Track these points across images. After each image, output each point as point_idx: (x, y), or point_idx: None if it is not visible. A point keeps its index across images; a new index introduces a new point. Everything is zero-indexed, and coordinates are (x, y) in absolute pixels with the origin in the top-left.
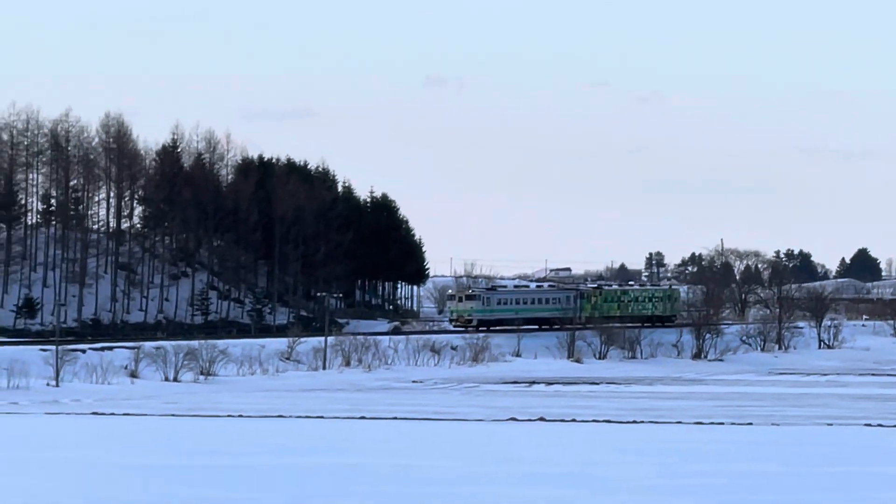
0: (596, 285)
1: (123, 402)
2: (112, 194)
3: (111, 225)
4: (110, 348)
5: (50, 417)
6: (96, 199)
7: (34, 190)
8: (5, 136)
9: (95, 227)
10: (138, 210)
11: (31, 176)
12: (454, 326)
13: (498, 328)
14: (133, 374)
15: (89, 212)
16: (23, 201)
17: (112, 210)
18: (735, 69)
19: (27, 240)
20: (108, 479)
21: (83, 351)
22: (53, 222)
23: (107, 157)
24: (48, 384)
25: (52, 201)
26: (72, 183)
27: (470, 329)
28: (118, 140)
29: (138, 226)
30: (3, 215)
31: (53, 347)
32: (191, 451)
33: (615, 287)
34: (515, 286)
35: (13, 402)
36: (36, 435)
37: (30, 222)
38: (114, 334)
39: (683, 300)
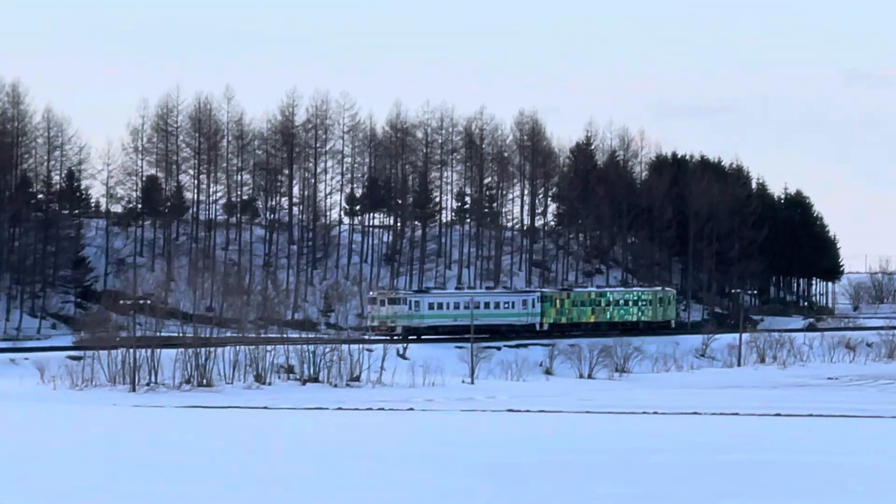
0: (565, 286)
1: (538, 400)
2: (526, 192)
3: (525, 222)
4: (525, 346)
5: (465, 415)
6: (510, 196)
7: (448, 188)
8: (420, 135)
9: (509, 224)
10: (552, 207)
11: (445, 174)
12: (375, 335)
13: (432, 337)
14: (548, 371)
15: (503, 209)
16: (437, 199)
17: (526, 207)
18: None
19: (441, 237)
20: (519, 475)
21: (498, 348)
22: (467, 220)
23: (521, 155)
24: (463, 381)
25: (467, 199)
26: (486, 181)
27: (395, 339)
28: (532, 138)
29: (552, 223)
30: (418, 213)
31: (469, 345)
32: (606, 449)
33: (590, 289)
34: (486, 288)
35: (429, 398)
36: (452, 432)
37: (444, 220)
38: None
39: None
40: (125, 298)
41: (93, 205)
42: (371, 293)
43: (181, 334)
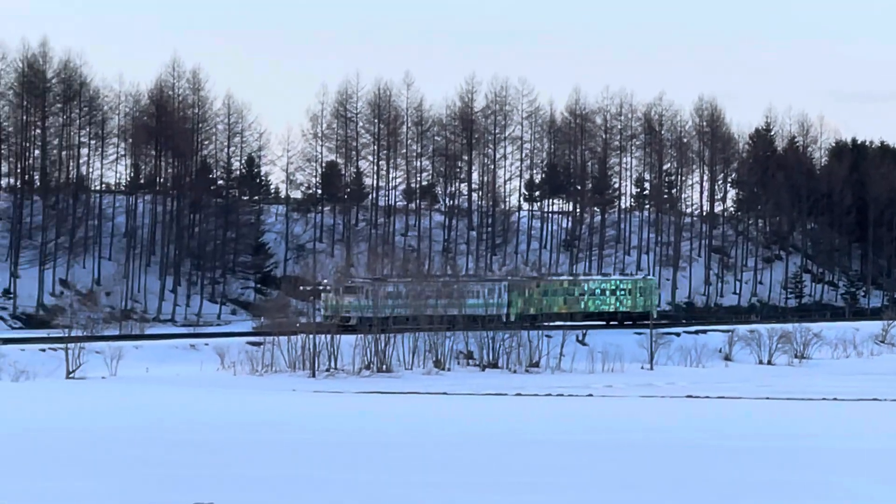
0: (535, 275)
1: (717, 386)
2: (705, 178)
3: (704, 208)
4: (704, 331)
5: (644, 401)
6: (689, 182)
7: (628, 174)
8: (599, 120)
9: (688, 210)
10: (731, 193)
11: (624, 160)
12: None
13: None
14: (727, 358)
15: (682, 195)
16: (616, 185)
17: (705, 194)
18: None
19: (621, 223)
20: (698, 460)
21: (677, 334)
22: (647, 206)
23: (700, 141)
24: (642, 367)
25: (646, 185)
26: (665, 167)
27: (350, 331)
28: (711, 124)
29: (731, 209)
30: (597, 199)
31: (648, 331)
32: (784, 434)
33: (563, 277)
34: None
35: (608, 384)
36: (631, 419)
37: (623, 206)
38: (707, 318)
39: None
40: (305, 284)
41: (272, 191)
42: (325, 281)
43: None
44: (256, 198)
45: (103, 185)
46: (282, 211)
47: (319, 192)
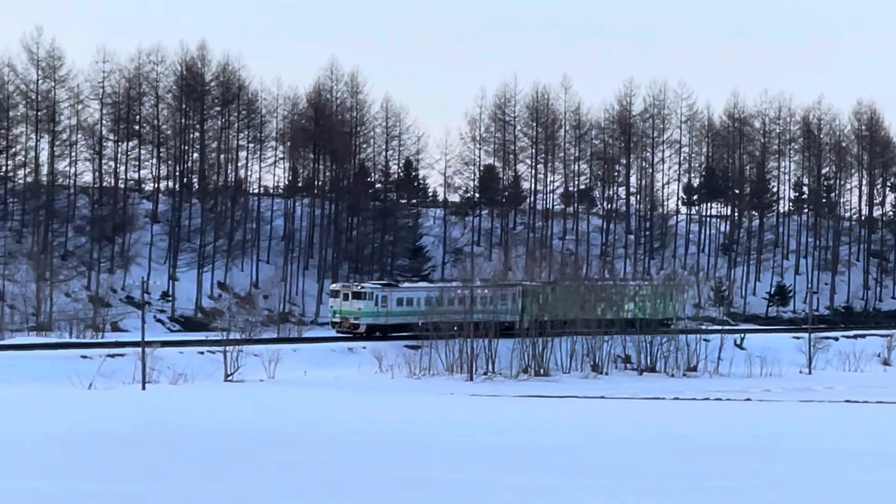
0: (549, 281)
1: (876, 390)
2: (864, 182)
3: (863, 212)
4: (862, 336)
5: (802, 405)
6: (848, 186)
7: (786, 178)
8: (757, 124)
9: (847, 214)
10: (890, 198)
11: (783, 164)
12: (337, 332)
13: (399, 336)
14: (885, 362)
15: (841, 199)
16: (775, 189)
17: (864, 198)
18: None
19: (779, 227)
20: (855, 464)
21: (835, 339)
22: (805, 210)
23: (859, 145)
24: (800, 371)
25: (804, 189)
26: (823, 171)
27: (359, 337)
28: (870, 128)
29: (890, 213)
30: (755, 203)
31: (806, 335)
32: None
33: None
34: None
35: (766, 388)
36: (786, 423)
37: (782, 210)
38: (866, 322)
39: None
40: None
41: (430, 194)
42: (333, 285)
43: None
44: (414, 201)
45: (261, 188)
46: (439, 214)
47: (477, 195)
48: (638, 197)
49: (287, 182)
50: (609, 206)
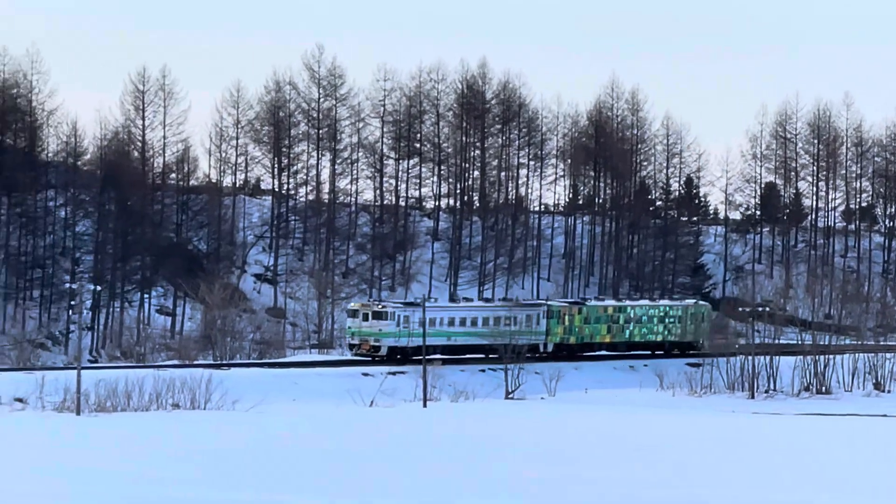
0: (576, 300)
1: None
2: None
3: None
4: None
5: None
6: None
7: None
8: None
9: None
10: None
11: None
12: (354, 354)
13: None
14: None
15: None
16: None
17: None
18: None
19: None
20: None
21: None
22: None
23: None
24: None
25: None
26: None
27: (378, 360)
28: None
29: None
30: None
31: None
32: None
33: (608, 302)
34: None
35: None
36: None
37: None
38: None
39: None
40: (744, 305)
41: (711, 212)
42: (351, 304)
43: (799, 342)
44: (695, 218)
45: (541, 206)
46: (720, 232)
47: (758, 212)
48: None
49: (567, 199)
50: (892, 223)
